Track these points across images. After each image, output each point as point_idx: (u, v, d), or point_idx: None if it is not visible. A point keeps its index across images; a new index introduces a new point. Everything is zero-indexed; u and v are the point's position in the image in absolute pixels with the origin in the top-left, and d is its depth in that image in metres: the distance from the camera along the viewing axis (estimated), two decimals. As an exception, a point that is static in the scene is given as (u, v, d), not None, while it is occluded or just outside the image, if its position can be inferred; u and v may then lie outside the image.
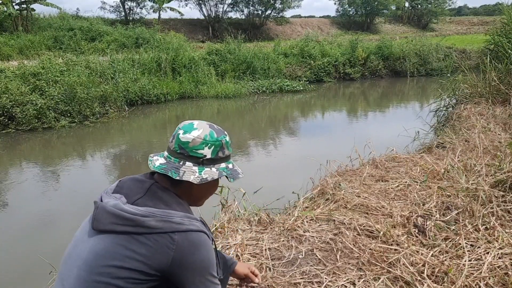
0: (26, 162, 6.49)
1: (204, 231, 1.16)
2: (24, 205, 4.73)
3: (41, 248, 3.58)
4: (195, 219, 1.17)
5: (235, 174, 1.29)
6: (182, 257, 1.08)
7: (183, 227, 1.10)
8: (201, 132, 1.22)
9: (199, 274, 1.11)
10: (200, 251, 1.11)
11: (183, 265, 1.08)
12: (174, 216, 1.11)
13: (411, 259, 2.06)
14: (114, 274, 1.05)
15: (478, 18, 38.91)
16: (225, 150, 1.28)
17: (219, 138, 1.25)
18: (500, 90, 6.11)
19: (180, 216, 1.13)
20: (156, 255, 1.06)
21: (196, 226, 1.13)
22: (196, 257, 1.10)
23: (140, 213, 1.08)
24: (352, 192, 3.01)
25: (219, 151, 1.25)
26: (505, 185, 2.73)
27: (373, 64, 16.05)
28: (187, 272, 1.09)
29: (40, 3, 17.92)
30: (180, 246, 1.08)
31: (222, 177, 1.30)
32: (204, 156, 1.21)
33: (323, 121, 10.04)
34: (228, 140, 1.29)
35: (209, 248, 1.15)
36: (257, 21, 26.46)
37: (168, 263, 1.07)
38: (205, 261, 1.12)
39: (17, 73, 8.97)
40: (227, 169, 1.27)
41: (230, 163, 1.32)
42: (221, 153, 1.26)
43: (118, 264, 1.05)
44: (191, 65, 12.54)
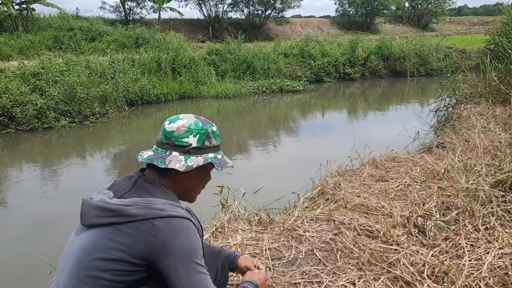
0: (26, 162, 6.49)
1: (188, 217, 1.13)
2: (24, 205, 4.73)
3: (41, 248, 3.58)
4: (179, 206, 1.16)
5: (223, 163, 1.27)
6: (163, 243, 1.06)
7: (164, 213, 1.09)
8: (185, 121, 1.23)
9: (181, 260, 1.07)
10: (181, 236, 1.08)
11: (165, 251, 1.06)
12: (156, 203, 1.11)
13: (411, 259, 2.06)
14: (101, 267, 1.07)
15: (478, 18, 38.90)
16: (212, 139, 1.26)
17: (204, 126, 1.24)
18: (500, 90, 6.11)
19: (162, 203, 1.12)
20: (138, 243, 1.06)
21: (178, 212, 1.12)
22: (177, 242, 1.07)
23: (123, 204, 1.10)
24: (352, 192, 3.01)
25: (205, 140, 1.24)
26: (505, 185, 2.73)
27: (373, 64, 16.05)
28: (169, 259, 1.06)
29: (40, 3, 17.91)
30: (161, 231, 1.06)
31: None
32: (190, 144, 1.22)
33: (323, 121, 10.04)
34: (216, 130, 1.28)
35: (192, 234, 1.11)
36: (257, 21, 26.45)
37: (150, 250, 1.06)
38: (187, 247, 1.08)
39: (17, 73, 8.96)
40: (215, 159, 1.26)
41: (220, 154, 1.29)
42: (207, 142, 1.25)
43: (103, 257, 1.07)
44: (191, 65, 12.53)
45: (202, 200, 2.95)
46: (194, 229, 1.13)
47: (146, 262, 1.08)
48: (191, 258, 1.09)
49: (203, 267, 1.12)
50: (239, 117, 10.35)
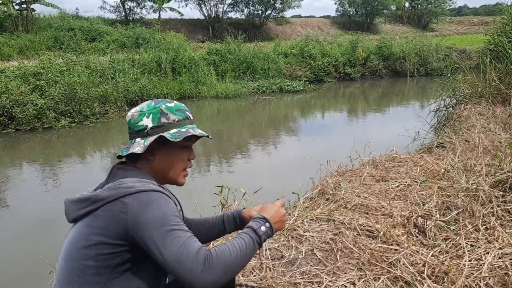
0: (26, 162, 6.49)
1: (158, 190, 1.12)
2: (24, 205, 4.73)
3: (41, 248, 3.58)
4: (150, 183, 1.15)
5: (182, 134, 1.21)
6: (134, 218, 1.06)
7: (133, 190, 1.09)
8: (139, 106, 1.25)
9: (156, 230, 1.05)
10: (151, 208, 1.07)
11: (138, 226, 1.06)
12: (125, 182, 1.13)
13: (411, 259, 2.06)
14: (85, 255, 1.09)
15: (478, 18, 38.90)
16: (170, 115, 1.23)
17: (157, 105, 1.23)
18: (500, 90, 6.11)
19: (131, 181, 1.13)
20: (112, 223, 1.07)
21: (148, 187, 1.11)
22: (148, 214, 1.06)
23: (97, 191, 1.14)
24: (352, 192, 3.01)
25: (160, 117, 1.22)
26: (505, 185, 2.73)
27: (373, 64, 16.05)
28: (143, 232, 1.06)
29: (40, 3, 17.92)
30: (131, 207, 1.07)
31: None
32: (146, 126, 1.21)
33: (323, 121, 10.04)
34: (172, 106, 1.25)
35: (162, 203, 1.09)
36: (257, 21, 26.46)
37: (125, 228, 1.07)
38: (158, 216, 1.06)
39: (17, 73, 8.97)
40: (177, 132, 1.22)
41: (184, 128, 1.25)
42: (164, 118, 1.22)
43: (85, 244, 1.09)
44: (191, 65, 12.54)
45: (202, 200, 2.96)
46: (165, 199, 1.11)
47: (126, 240, 1.08)
48: (164, 226, 1.06)
49: (180, 230, 1.08)
50: (239, 117, 10.34)
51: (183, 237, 1.07)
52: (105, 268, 1.09)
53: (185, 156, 1.29)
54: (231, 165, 6.04)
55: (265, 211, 1.27)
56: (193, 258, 1.05)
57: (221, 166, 6.03)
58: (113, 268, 1.10)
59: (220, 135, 8.25)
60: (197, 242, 1.10)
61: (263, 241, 1.21)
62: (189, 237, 1.09)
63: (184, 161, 1.29)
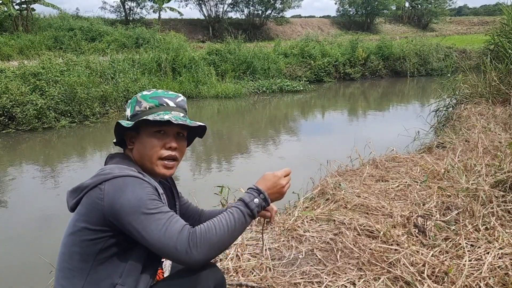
0: (26, 162, 6.49)
1: (135, 175, 1.12)
2: (24, 205, 4.73)
3: (41, 248, 3.58)
4: (128, 169, 1.15)
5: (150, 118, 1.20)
6: (110, 204, 1.07)
7: (109, 176, 1.11)
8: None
9: (133, 216, 1.06)
10: (126, 192, 1.07)
11: (114, 211, 1.07)
12: (105, 169, 1.16)
13: (411, 259, 2.05)
14: (71, 241, 1.13)
15: (478, 18, 38.89)
16: (143, 102, 1.26)
17: (134, 96, 1.29)
18: (500, 90, 6.11)
19: (110, 167, 1.16)
20: (91, 210, 1.10)
21: (124, 172, 1.12)
22: (122, 199, 1.06)
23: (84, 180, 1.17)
24: (352, 192, 3.01)
25: (135, 105, 1.26)
26: (505, 185, 2.73)
27: (373, 64, 16.05)
28: (122, 218, 1.06)
29: (40, 3, 17.92)
30: (107, 193, 1.08)
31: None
32: (127, 115, 1.29)
33: (323, 121, 10.04)
34: (148, 93, 1.27)
35: (137, 186, 1.09)
36: (257, 21, 26.46)
37: (103, 214, 1.08)
38: (133, 200, 1.06)
39: (17, 73, 8.96)
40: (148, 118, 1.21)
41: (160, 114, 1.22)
42: (137, 107, 1.26)
43: (71, 231, 1.14)
44: (191, 65, 12.53)
45: (202, 200, 2.96)
46: (141, 183, 1.11)
47: (107, 226, 1.09)
48: (140, 209, 1.06)
49: (158, 213, 1.07)
50: (239, 117, 10.34)
51: (163, 219, 1.07)
52: (89, 255, 1.11)
53: (158, 143, 1.23)
54: (231, 165, 6.04)
55: (261, 182, 1.23)
56: (176, 239, 1.05)
57: (221, 166, 6.03)
58: (96, 254, 1.11)
59: (220, 135, 8.25)
60: (179, 222, 1.09)
61: (256, 213, 1.18)
62: (169, 218, 1.08)
63: (157, 149, 1.23)
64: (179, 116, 1.24)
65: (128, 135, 1.27)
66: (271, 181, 1.23)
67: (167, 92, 1.29)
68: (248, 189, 1.22)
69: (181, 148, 1.28)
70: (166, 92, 1.29)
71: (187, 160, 6.09)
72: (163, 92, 1.28)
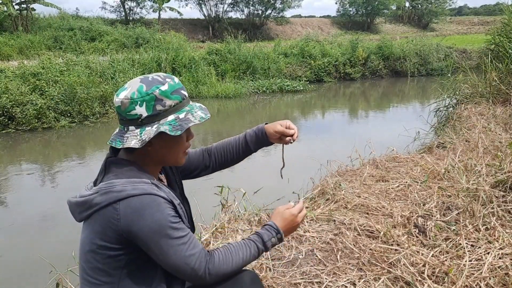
0: (26, 162, 6.49)
1: (150, 192, 1.06)
2: (24, 205, 4.73)
3: (41, 248, 3.58)
4: (141, 182, 1.08)
5: (183, 124, 1.12)
6: (127, 225, 1.04)
7: (123, 194, 1.04)
8: (128, 91, 1.11)
9: (151, 240, 1.04)
10: (144, 216, 1.03)
11: (133, 233, 1.04)
12: (116, 185, 1.07)
13: (412, 259, 2.05)
14: (92, 258, 1.09)
15: (479, 18, 38.90)
16: (165, 100, 1.11)
17: (149, 91, 1.10)
18: (500, 90, 6.11)
19: (122, 183, 1.07)
20: (107, 229, 1.05)
21: (139, 189, 1.06)
22: (142, 223, 1.03)
23: (90, 193, 1.09)
24: (353, 192, 3.01)
25: (156, 104, 1.10)
26: (506, 185, 2.72)
27: (374, 64, 16.04)
28: (139, 240, 1.05)
29: (40, 3, 17.93)
30: (124, 215, 1.03)
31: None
32: (141, 115, 1.10)
33: (323, 121, 10.04)
34: (166, 89, 1.12)
35: (156, 209, 1.05)
36: (257, 21, 26.47)
37: (120, 233, 1.05)
38: (152, 225, 1.03)
39: (17, 73, 8.96)
40: (176, 120, 1.12)
41: (183, 112, 1.15)
42: (159, 106, 1.11)
43: (90, 249, 1.09)
44: (191, 65, 12.53)
45: (202, 200, 2.95)
46: (158, 202, 1.06)
47: (126, 244, 1.07)
48: (160, 234, 1.04)
49: (176, 238, 1.06)
50: (239, 117, 10.34)
51: (182, 244, 1.07)
52: (114, 269, 1.09)
53: (184, 140, 1.21)
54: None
55: (279, 218, 1.26)
56: (193, 265, 1.08)
57: (221, 166, 6.03)
58: (122, 268, 1.10)
59: (220, 135, 8.25)
60: (196, 247, 1.10)
61: (269, 250, 1.24)
62: (188, 242, 1.08)
63: (184, 144, 1.22)
64: (200, 106, 1.24)
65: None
66: (289, 219, 1.27)
67: (174, 81, 1.17)
68: (266, 225, 1.25)
69: None
70: (172, 80, 1.17)
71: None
72: (174, 82, 1.16)
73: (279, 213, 1.28)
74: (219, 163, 1.53)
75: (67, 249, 2.34)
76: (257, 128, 1.49)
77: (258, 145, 1.50)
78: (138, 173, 1.13)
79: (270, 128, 1.45)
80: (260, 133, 1.47)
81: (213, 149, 1.52)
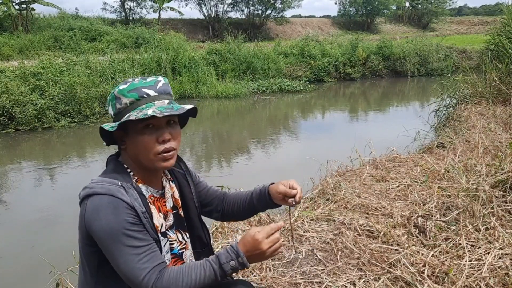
0: (26, 162, 6.48)
1: (112, 193, 1.06)
2: (24, 205, 4.73)
3: (41, 248, 3.58)
4: (110, 182, 1.09)
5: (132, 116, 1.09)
6: (88, 222, 1.06)
7: (91, 191, 1.08)
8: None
9: (104, 240, 1.04)
10: (99, 216, 1.03)
11: (91, 231, 1.06)
12: (92, 182, 1.12)
13: (412, 259, 2.05)
14: (80, 250, 1.14)
15: (479, 18, 38.89)
16: (122, 99, 1.13)
17: (112, 91, 1.16)
18: (500, 90, 6.11)
19: (96, 181, 1.12)
20: (80, 223, 1.09)
21: (104, 189, 1.06)
22: (97, 223, 1.04)
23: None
24: (353, 192, 3.01)
25: (115, 103, 1.15)
26: (506, 185, 2.72)
27: (374, 64, 16.04)
28: (96, 239, 1.06)
29: (40, 3, 17.92)
30: (86, 211, 1.06)
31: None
32: (111, 114, 1.19)
33: (323, 121, 10.04)
34: (125, 87, 1.13)
35: (111, 211, 1.03)
36: (257, 21, 26.46)
37: (85, 230, 1.07)
38: (106, 227, 1.03)
39: (17, 73, 8.95)
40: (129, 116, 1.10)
41: (137, 110, 1.11)
42: (118, 104, 1.14)
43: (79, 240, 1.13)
44: (191, 65, 12.53)
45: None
46: (116, 205, 1.04)
47: (93, 241, 1.08)
48: (111, 238, 1.03)
49: (130, 246, 1.04)
50: (239, 117, 10.34)
51: (133, 255, 1.04)
52: (91, 266, 1.12)
53: (150, 139, 1.13)
54: (231, 165, 6.04)
55: (242, 242, 1.12)
56: (141, 280, 1.04)
57: (221, 166, 6.03)
58: (96, 267, 1.11)
59: (220, 135, 8.25)
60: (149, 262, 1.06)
61: (229, 274, 1.12)
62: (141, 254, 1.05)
63: (152, 145, 1.13)
64: (164, 105, 1.13)
65: (117, 135, 1.17)
66: (252, 245, 1.11)
67: (145, 80, 1.15)
68: (228, 246, 1.15)
69: (175, 136, 1.18)
70: (144, 80, 1.15)
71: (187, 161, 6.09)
72: (140, 81, 1.15)
73: (245, 236, 1.13)
74: (228, 213, 1.46)
75: (67, 249, 2.34)
76: (263, 186, 1.41)
77: (262, 204, 1.39)
78: (117, 174, 1.15)
79: (273, 189, 1.36)
80: (264, 193, 1.38)
81: (229, 196, 1.47)
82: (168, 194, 1.28)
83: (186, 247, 1.30)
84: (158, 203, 1.23)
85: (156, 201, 1.22)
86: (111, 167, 1.19)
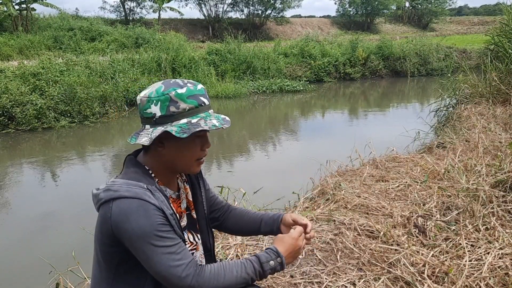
0: (26, 162, 6.48)
1: (141, 197, 1.07)
2: (24, 205, 4.73)
3: (41, 248, 3.58)
4: (136, 185, 1.10)
5: (192, 128, 1.10)
6: (116, 225, 1.05)
7: (117, 194, 1.07)
8: (148, 90, 1.15)
9: (135, 243, 1.05)
10: (130, 220, 1.04)
11: (120, 233, 1.06)
12: (115, 184, 1.10)
13: (412, 259, 2.05)
14: (96, 250, 1.14)
15: (479, 18, 38.89)
16: (180, 103, 1.11)
17: (165, 91, 1.11)
18: (500, 90, 6.11)
19: (120, 183, 1.10)
20: (103, 225, 1.09)
21: (131, 192, 1.07)
22: (127, 226, 1.04)
23: (101, 189, 1.13)
24: (353, 192, 3.01)
25: (169, 105, 1.11)
26: (506, 185, 2.72)
27: (373, 64, 16.04)
28: (125, 241, 1.07)
29: (40, 3, 17.92)
30: (114, 214, 1.06)
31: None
32: (155, 114, 1.12)
33: (323, 121, 10.04)
34: (183, 92, 1.12)
35: (143, 214, 1.05)
36: (257, 21, 26.46)
37: (111, 231, 1.07)
38: (136, 231, 1.04)
39: (17, 73, 8.96)
40: (187, 124, 1.11)
41: (196, 117, 1.13)
42: (173, 107, 1.11)
43: (95, 240, 1.14)
44: (191, 65, 12.54)
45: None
46: (146, 208, 1.06)
47: (116, 242, 1.09)
48: (144, 240, 1.05)
49: (162, 246, 1.05)
50: (239, 117, 10.34)
51: (167, 254, 1.06)
52: (109, 265, 1.12)
53: (197, 147, 1.19)
54: (231, 165, 6.04)
55: (280, 243, 1.20)
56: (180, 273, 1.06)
57: (221, 166, 6.03)
58: (116, 265, 1.12)
59: (220, 135, 8.25)
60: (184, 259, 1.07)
61: (267, 275, 1.16)
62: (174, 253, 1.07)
63: (197, 152, 1.20)
64: (219, 116, 1.17)
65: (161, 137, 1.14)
66: (289, 243, 1.20)
67: (195, 87, 1.15)
68: (267, 249, 1.19)
69: None
70: (193, 85, 1.15)
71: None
72: (195, 88, 1.15)
73: (279, 238, 1.23)
74: (228, 225, 1.49)
75: (67, 249, 2.34)
76: (277, 214, 1.44)
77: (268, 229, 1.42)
78: (140, 176, 1.15)
79: (287, 219, 1.38)
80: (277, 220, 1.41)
81: (235, 210, 1.50)
82: (183, 195, 1.30)
83: (197, 248, 1.31)
84: (175, 204, 1.25)
85: (173, 202, 1.24)
86: (132, 169, 1.17)
